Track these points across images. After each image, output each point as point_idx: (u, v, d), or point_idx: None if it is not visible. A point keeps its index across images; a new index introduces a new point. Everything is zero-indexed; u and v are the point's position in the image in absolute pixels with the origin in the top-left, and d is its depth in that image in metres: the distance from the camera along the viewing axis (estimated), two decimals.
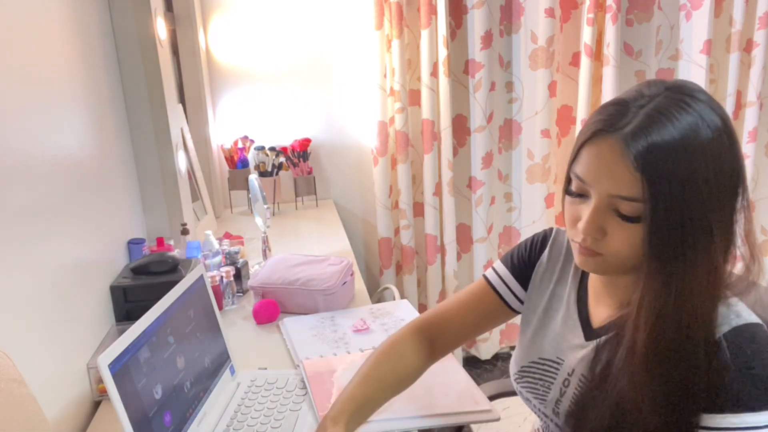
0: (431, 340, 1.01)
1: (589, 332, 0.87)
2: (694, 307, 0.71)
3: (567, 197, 0.78)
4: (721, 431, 0.71)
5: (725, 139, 0.70)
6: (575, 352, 0.88)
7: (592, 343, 0.85)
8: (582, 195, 0.75)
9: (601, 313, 0.87)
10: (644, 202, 0.68)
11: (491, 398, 1.25)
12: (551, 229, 0.99)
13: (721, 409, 0.71)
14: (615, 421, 0.77)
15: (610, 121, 0.71)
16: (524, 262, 0.99)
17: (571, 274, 0.93)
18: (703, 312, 0.72)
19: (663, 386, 0.73)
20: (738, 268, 0.77)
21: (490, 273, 1.02)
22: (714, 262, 0.71)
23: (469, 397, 1.08)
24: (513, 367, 0.98)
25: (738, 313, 0.74)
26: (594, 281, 0.89)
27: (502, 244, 2.70)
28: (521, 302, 1.00)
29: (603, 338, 0.83)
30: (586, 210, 0.74)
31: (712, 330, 0.73)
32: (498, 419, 1.03)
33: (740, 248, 0.74)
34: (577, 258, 0.79)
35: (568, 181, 0.78)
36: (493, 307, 1.00)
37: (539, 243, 0.98)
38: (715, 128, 0.69)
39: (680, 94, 0.70)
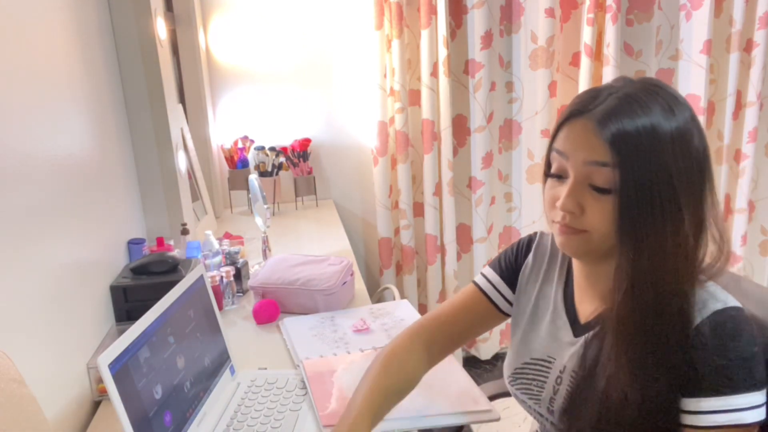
0: (428, 346, 1.01)
1: (577, 328, 0.89)
2: (666, 274, 0.75)
3: (548, 182, 0.82)
4: (706, 414, 0.74)
5: (694, 129, 0.75)
6: (566, 350, 0.89)
7: (581, 339, 0.87)
8: (561, 176, 0.79)
9: (587, 308, 0.89)
10: (614, 167, 0.73)
11: (491, 398, 1.25)
12: (536, 233, 1.02)
13: (705, 392, 0.74)
14: (603, 412, 0.79)
15: (583, 104, 0.77)
16: (511, 265, 1.02)
17: (557, 274, 0.95)
18: (675, 281, 0.75)
19: (641, 361, 0.76)
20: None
21: (479, 278, 1.04)
22: (683, 234, 0.75)
23: (469, 397, 1.08)
24: (506, 370, 0.99)
25: (718, 298, 0.77)
26: (578, 277, 0.91)
27: (502, 244, 2.70)
28: (511, 305, 1.02)
29: (591, 333, 0.85)
30: (564, 189, 0.78)
31: (687, 305, 0.76)
32: (498, 419, 1.03)
33: (716, 238, 0.79)
34: (558, 240, 0.81)
35: (548, 165, 0.82)
36: (484, 311, 1.03)
37: (525, 246, 1.01)
38: (682, 116, 0.75)
39: (649, 85, 0.77)
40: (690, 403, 0.75)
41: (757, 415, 0.73)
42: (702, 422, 0.74)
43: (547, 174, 0.82)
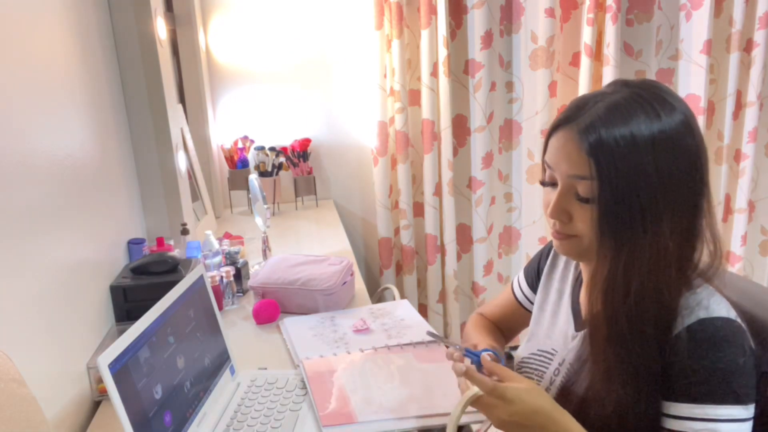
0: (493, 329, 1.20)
1: (579, 323, 0.92)
2: (642, 279, 0.75)
3: (545, 188, 0.85)
4: (682, 419, 0.74)
5: (685, 131, 0.74)
6: (567, 344, 0.92)
7: (581, 334, 0.89)
8: (553, 183, 0.82)
9: None
10: (593, 179, 0.75)
11: None
12: None
13: (682, 398, 0.74)
14: (584, 407, 0.81)
15: (569, 114, 0.79)
16: (534, 272, 1.12)
17: (572, 272, 0.99)
18: (654, 286, 0.75)
19: (617, 363, 0.77)
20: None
21: (515, 286, 1.17)
22: (663, 241, 0.75)
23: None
24: (516, 360, 1.04)
25: (708, 306, 0.76)
26: (585, 275, 0.93)
27: (502, 245, 2.70)
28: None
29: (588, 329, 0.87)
30: (554, 197, 0.82)
31: (669, 310, 0.76)
32: None
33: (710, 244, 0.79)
34: (554, 243, 0.86)
35: (544, 171, 0.85)
36: (522, 317, 1.15)
37: (547, 249, 1.08)
38: (670, 119, 0.74)
39: (639, 89, 0.76)
40: (669, 407, 0.76)
41: (734, 429, 0.72)
42: (678, 427, 0.74)
43: (542, 181, 0.85)
